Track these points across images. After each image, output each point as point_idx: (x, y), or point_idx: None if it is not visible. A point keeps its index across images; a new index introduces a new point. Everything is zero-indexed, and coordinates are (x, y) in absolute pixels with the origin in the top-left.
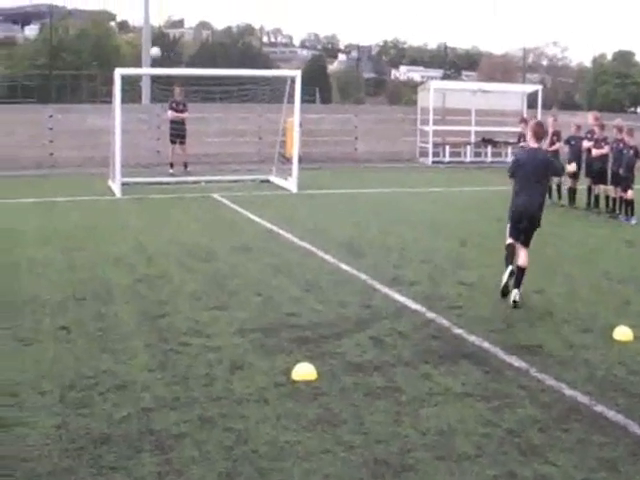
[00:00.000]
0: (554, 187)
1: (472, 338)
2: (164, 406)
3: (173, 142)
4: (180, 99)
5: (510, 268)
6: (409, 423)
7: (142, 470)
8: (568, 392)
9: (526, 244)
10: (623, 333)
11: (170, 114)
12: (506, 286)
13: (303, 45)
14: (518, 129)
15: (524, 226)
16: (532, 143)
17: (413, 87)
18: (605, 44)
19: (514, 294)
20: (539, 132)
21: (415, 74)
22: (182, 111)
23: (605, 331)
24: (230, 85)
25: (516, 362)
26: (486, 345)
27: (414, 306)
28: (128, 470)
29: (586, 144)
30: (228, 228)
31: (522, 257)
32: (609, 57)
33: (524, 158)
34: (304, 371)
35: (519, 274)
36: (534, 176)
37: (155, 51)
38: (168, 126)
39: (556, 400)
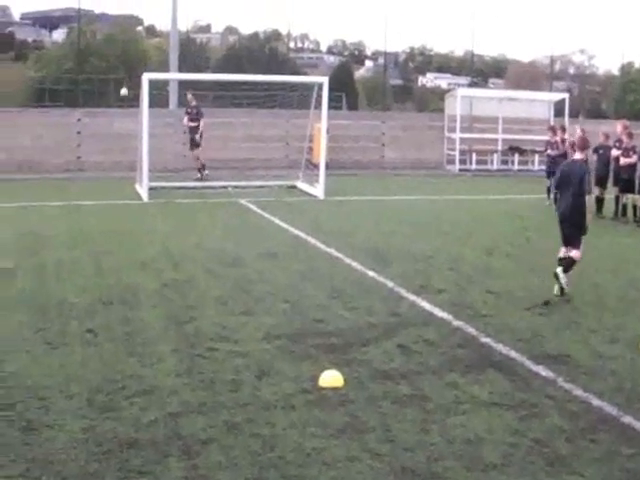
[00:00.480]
0: None
1: (499, 347)
2: (191, 411)
3: (192, 147)
4: (194, 104)
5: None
6: (436, 431)
7: (169, 475)
8: (596, 402)
9: (575, 246)
10: None
11: (185, 121)
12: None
13: (330, 51)
14: (545, 137)
15: (567, 231)
16: (576, 155)
17: (440, 94)
18: (633, 52)
19: (560, 273)
20: (581, 144)
21: (442, 81)
22: (196, 117)
23: (632, 341)
24: (257, 90)
25: (543, 372)
26: (513, 354)
27: (441, 314)
28: (155, 475)
29: (614, 153)
30: (255, 234)
31: (573, 252)
32: (637, 65)
33: (566, 169)
34: (331, 378)
35: (568, 261)
36: (570, 186)
37: (124, 91)
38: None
39: (584, 410)
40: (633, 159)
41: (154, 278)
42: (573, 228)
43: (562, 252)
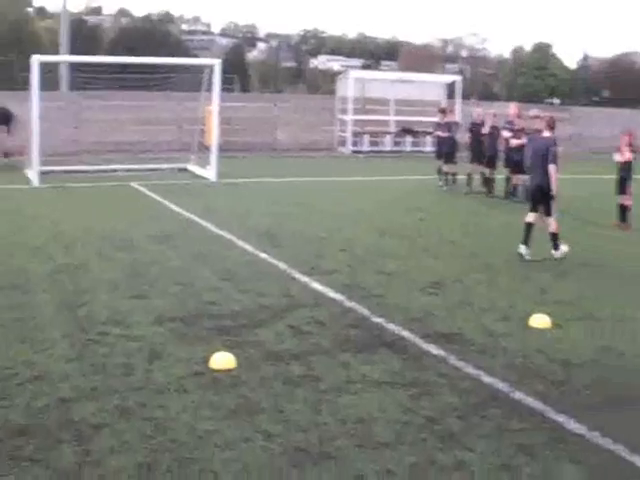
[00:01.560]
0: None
1: (391, 326)
2: (83, 396)
3: None
4: None
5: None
6: (328, 411)
7: (61, 461)
8: (487, 379)
9: (549, 214)
10: (540, 320)
11: None
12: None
13: (223, 34)
14: (436, 119)
15: (540, 201)
16: (545, 133)
17: (332, 76)
18: (524, 36)
19: (552, 253)
20: (551, 123)
21: (335, 63)
22: None
23: (523, 319)
24: (149, 73)
25: (435, 350)
26: (405, 333)
27: (333, 295)
28: (47, 461)
29: (506, 134)
30: (147, 217)
31: (549, 225)
32: (528, 49)
33: (535, 146)
34: (223, 360)
35: (552, 238)
36: (539, 160)
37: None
38: None
39: (475, 387)
40: (523, 141)
41: (45, 262)
42: (545, 197)
43: (531, 217)
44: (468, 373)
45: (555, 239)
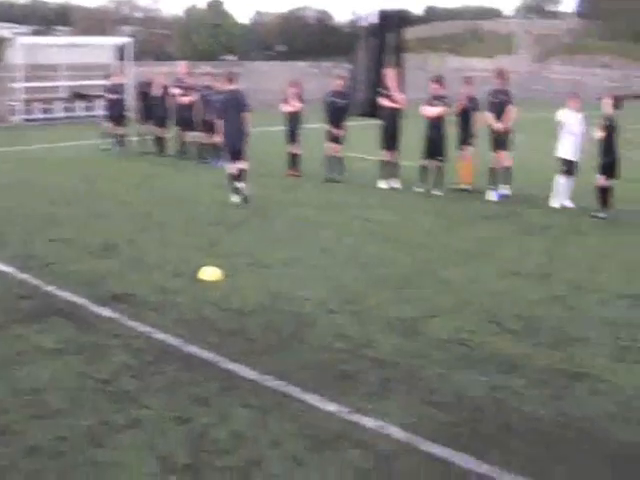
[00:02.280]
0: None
1: (63, 294)
2: None
3: None
4: None
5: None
6: (1, 385)
7: None
8: (160, 336)
9: (244, 158)
10: (211, 273)
11: None
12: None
13: None
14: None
15: (236, 148)
16: (230, 86)
17: (2, 44)
18: None
19: (240, 186)
20: (231, 77)
21: (5, 31)
22: None
23: (196, 274)
24: None
25: (108, 312)
26: (77, 299)
27: (3, 268)
28: None
29: (175, 91)
30: None
31: (243, 164)
32: (202, 7)
33: (227, 98)
34: None
35: (243, 174)
36: (233, 111)
37: None
38: None
39: (148, 345)
40: (193, 97)
41: None
42: (240, 144)
43: (233, 168)
44: (141, 332)
45: (239, 179)
